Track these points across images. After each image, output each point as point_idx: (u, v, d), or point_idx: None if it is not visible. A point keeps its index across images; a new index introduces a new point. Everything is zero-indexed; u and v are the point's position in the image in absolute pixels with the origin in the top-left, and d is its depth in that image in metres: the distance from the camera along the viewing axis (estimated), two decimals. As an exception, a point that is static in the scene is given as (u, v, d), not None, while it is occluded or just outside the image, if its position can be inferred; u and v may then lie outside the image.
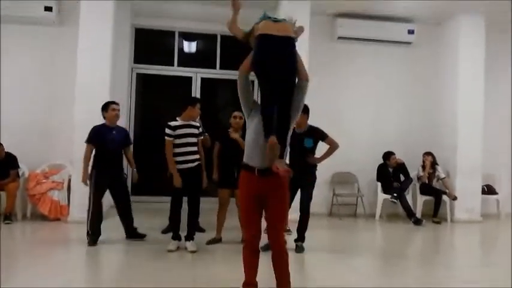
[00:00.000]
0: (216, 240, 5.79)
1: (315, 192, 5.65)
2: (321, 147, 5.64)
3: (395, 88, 8.88)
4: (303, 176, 5.39)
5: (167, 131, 5.26)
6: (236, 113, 5.71)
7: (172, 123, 5.30)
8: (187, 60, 9.04)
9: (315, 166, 5.58)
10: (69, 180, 7.14)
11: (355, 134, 8.53)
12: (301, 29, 3.41)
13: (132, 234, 5.85)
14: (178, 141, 5.26)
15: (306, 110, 5.45)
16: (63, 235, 6.38)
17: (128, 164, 6.01)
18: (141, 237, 5.85)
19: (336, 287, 4.23)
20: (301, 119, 5.41)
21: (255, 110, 3.27)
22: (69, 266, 4.82)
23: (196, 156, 5.36)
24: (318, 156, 5.57)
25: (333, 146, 5.52)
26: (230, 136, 5.64)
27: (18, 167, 7.09)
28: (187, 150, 5.28)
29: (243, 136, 5.53)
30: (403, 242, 6.92)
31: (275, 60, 3.11)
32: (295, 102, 3.21)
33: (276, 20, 3.26)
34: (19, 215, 7.03)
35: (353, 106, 8.66)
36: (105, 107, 5.72)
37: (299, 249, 5.45)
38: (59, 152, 7.52)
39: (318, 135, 5.49)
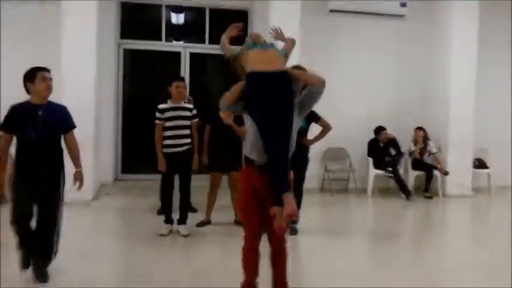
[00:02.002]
0: (205, 223, 5.74)
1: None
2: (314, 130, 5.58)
3: (388, 62, 8.74)
4: (296, 157, 5.29)
5: (156, 114, 5.16)
6: None
7: (161, 106, 5.18)
8: (175, 34, 8.82)
9: (308, 148, 5.51)
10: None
11: (347, 109, 8.44)
12: (293, 42, 3.28)
13: (42, 277, 3.75)
14: (167, 124, 5.15)
15: (299, 91, 5.34)
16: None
17: (71, 159, 3.90)
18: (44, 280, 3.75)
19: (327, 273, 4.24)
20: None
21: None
22: (63, 254, 4.74)
23: (187, 140, 5.23)
24: (311, 138, 5.50)
25: (326, 128, 5.46)
26: (224, 121, 5.47)
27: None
28: (176, 133, 5.16)
29: (235, 119, 5.44)
30: (395, 220, 6.91)
31: (268, 103, 2.89)
32: (303, 107, 3.04)
33: (263, 48, 3.10)
34: (9, 197, 6.90)
35: (344, 81, 8.50)
36: (30, 76, 3.68)
37: (293, 231, 5.42)
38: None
39: (311, 116, 5.38)
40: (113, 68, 8.23)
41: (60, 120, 3.82)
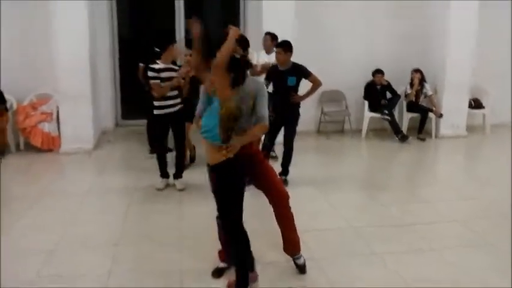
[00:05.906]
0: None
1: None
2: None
3: (386, 3, 8.46)
4: (287, 113, 5.46)
5: (151, 74, 5.12)
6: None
7: (156, 67, 5.15)
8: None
9: (299, 104, 5.59)
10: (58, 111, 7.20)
11: (344, 51, 8.37)
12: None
13: None
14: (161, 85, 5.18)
15: (289, 48, 5.35)
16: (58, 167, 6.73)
17: None
18: None
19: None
20: (284, 56, 5.35)
21: None
22: (68, 215, 4.96)
23: (178, 101, 5.34)
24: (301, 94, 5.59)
25: (316, 84, 5.54)
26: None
27: (5, 101, 7.01)
28: (169, 94, 5.23)
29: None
30: (388, 165, 7.13)
31: None
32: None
33: None
34: (13, 147, 7.09)
35: (342, 23, 8.33)
36: None
37: (283, 182, 5.64)
38: (43, 81, 7.46)
39: (301, 73, 5.44)
40: (106, 13, 8.13)
41: None
